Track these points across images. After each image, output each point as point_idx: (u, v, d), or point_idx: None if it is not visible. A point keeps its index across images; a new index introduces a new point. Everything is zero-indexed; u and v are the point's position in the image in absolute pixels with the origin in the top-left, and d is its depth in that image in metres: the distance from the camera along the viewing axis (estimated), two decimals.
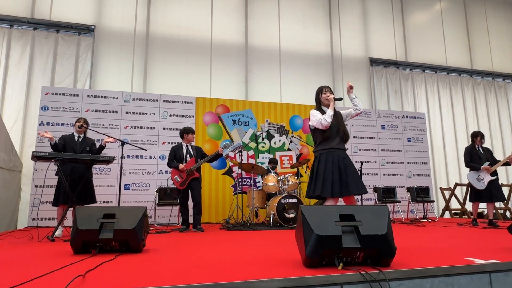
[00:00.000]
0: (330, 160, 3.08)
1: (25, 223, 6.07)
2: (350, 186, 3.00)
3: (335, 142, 3.15)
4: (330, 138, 3.15)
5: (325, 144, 3.16)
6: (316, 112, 3.23)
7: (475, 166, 5.25)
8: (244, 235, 4.24)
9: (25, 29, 7.26)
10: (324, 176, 3.04)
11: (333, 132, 3.17)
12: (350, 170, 3.06)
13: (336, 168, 3.05)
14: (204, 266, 2.07)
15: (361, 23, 9.62)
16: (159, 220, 6.28)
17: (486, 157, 5.28)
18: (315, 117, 3.17)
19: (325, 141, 3.17)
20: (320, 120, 3.11)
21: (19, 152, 6.49)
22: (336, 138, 3.17)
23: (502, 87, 10.68)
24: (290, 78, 8.69)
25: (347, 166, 3.07)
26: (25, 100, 6.93)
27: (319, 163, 3.13)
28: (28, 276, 1.80)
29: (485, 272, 1.95)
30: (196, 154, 5.15)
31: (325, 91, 3.30)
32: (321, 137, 3.18)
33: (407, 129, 8.24)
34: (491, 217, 5.17)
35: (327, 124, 3.11)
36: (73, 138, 4.42)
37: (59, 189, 4.19)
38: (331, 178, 3.02)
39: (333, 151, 3.12)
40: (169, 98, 6.92)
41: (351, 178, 3.02)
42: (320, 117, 3.13)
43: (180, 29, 8.14)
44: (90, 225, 2.54)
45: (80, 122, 4.43)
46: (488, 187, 5.12)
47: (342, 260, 1.90)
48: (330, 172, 3.04)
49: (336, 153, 3.11)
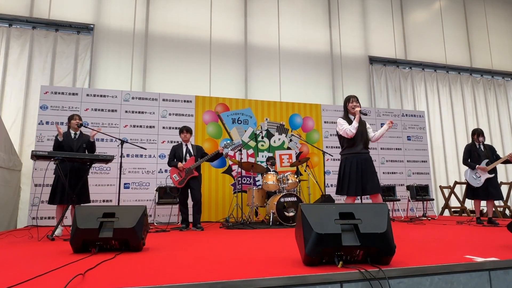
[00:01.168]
0: (354, 163, 3.58)
1: (24, 222, 6.07)
2: (367, 187, 3.50)
3: (359, 147, 3.65)
4: (355, 144, 3.65)
5: (351, 149, 3.66)
6: (343, 121, 3.70)
7: (471, 164, 5.25)
8: (244, 233, 4.24)
9: (24, 28, 7.24)
10: (350, 177, 3.56)
11: (358, 138, 3.64)
12: (369, 172, 3.54)
13: (359, 170, 3.55)
14: (204, 264, 2.07)
15: (360, 21, 9.61)
16: (159, 219, 6.28)
17: (487, 155, 5.23)
18: (342, 126, 3.67)
19: (350, 146, 3.67)
20: (346, 130, 3.61)
21: (18, 151, 6.49)
22: (360, 143, 3.65)
23: (501, 85, 10.68)
24: (290, 77, 8.68)
25: (369, 168, 3.57)
26: (24, 99, 6.92)
27: (345, 166, 3.65)
28: (28, 275, 1.80)
29: (485, 270, 1.96)
30: (196, 153, 5.15)
31: (352, 100, 3.75)
32: (347, 143, 3.70)
33: (407, 128, 8.24)
34: (491, 215, 5.16)
35: (352, 135, 3.61)
36: (69, 136, 4.39)
37: (56, 188, 4.16)
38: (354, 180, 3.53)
39: (357, 155, 3.62)
40: (168, 97, 6.92)
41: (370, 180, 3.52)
42: (347, 127, 3.62)
43: (179, 27, 8.13)
44: (90, 224, 2.54)
45: (76, 120, 4.40)
46: (485, 185, 5.11)
47: (342, 258, 1.90)
48: (354, 174, 3.54)
49: (360, 156, 3.61)
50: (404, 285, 1.81)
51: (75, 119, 4.42)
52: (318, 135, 7.61)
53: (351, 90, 9.08)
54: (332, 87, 9.01)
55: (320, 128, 7.65)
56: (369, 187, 3.50)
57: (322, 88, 8.92)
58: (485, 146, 5.36)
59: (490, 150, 5.33)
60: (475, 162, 5.24)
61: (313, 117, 7.66)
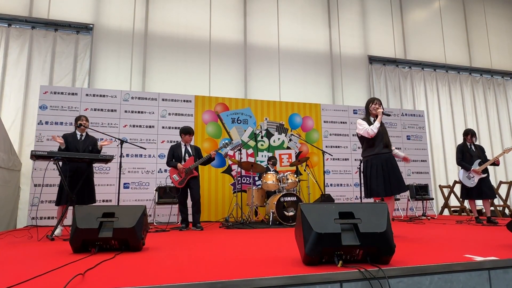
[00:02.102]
0: (380, 164, 3.55)
1: (24, 222, 6.07)
2: (392, 187, 3.48)
3: (379, 147, 3.62)
4: (375, 145, 3.63)
5: (371, 150, 3.65)
6: (363, 122, 3.70)
7: (466, 166, 5.30)
8: (243, 233, 4.24)
9: (23, 28, 7.24)
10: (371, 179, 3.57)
11: (378, 139, 3.63)
12: (393, 172, 3.52)
13: (385, 171, 3.52)
14: (204, 264, 2.07)
15: (360, 20, 9.61)
16: (159, 218, 6.28)
17: (478, 155, 5.33)
18: (362, 126, 3.66)
19: (370, 147, 3.66)
20: (367, 130, 3.60)
21: (18, 151, 6.48)
22: (380, 144, 3.63)
23: (501, 84, 10.69)
24: (289, 76, 8.68)
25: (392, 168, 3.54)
26: (24, 99, 6.92)
27: (366, 167, 3.67)
28: (27, 275, 1.80)
29: (484, 269, 1.96)
30: (195, 154, 5.15)
31: (376, 102, 3.78)
32: (367, 144, 3.69)
33: (406, 127, 8.24)
34: (489, 214, 5.19)
35: (373, 134, 3.59)
36: (75, 137, 4.39)
37: (62, 188, 4.14)
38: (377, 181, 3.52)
39: (378, 156, 3.60)
40: (168, 96, 6.91)
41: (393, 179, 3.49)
42: (367, 127, 3.61)
43: (179, 27, 8.13)
44: (90, 224, 2.54)
45: (83, 121, 4.40)
46: (479, 184, 5.18)
47: (342, 257, 1.90)
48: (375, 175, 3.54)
49: (381, 157, 3.58)
50: (404, 284, 1.81)
51: (82, 120, 4.41)
52: (317, 135, 7.61)
53: (350, 89, 9.09)
54: (332, 86, 9.01)
55: (319, 128, 7.65)
56: (395, 188, 3.49)
57: (321, 87, 8.92)
58: (476, 146, 5.46)
59: (480, 150, 5.43)
60: (468, 162, 5.32)
61: (313, 116, 7.66)
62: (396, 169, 3.56)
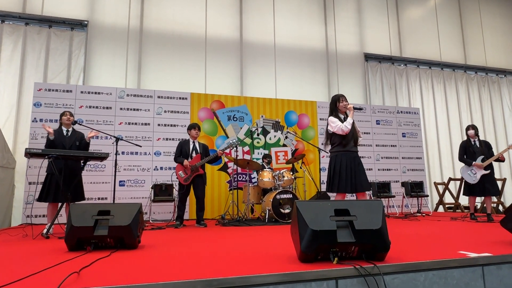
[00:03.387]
0: (344, 161, 3.60)
1: (19, 220, 6.03)
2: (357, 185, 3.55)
3: (350, 145, 3.66)
4: (346, 142, 3.65)
5: (342, 147, 3.66)
6: (335, 119, 3.70)
7: (467, 161, 5.26)
8: (239, 230, 4.25)
9: (16, 24, 7.16)
10: (340, 175, 3.58)
11: (349, 136, 3.65)
12: (359, 170, 3.59)
13: (349, 168, 3.58)
14: (200, 261, 2.07)
15: (356, 18, 9.61)
16: (155, 216, 6.27)
17: (482, 151, 5.23)
18: (335, 123, 3.65)
19: (341, 144, 3.67)
20: (341, 127, 3.60)
21: (12, 149, 6.43)
22: (351, 141, 3.67)
23: (495, 82, 10.76)
24: (285, 74, 8.68)
25: (357, 166, 3.61)
26: (18, 96, 6.86)
27: (335, 164, 3.66)
28: (22, 273, 1.79)
29: (478, 265, 1.98)
30: (203, 151, 5.15)
31: (342, 100, 3.76)
32: (339, 140, 3.68)
33: (402, 124, 8.28)
34: (489, 211, 5.12)
35: (347, 131, 3.60)
36: (61, 133, 4.31)
37: (49, 185, 4.08)
38: (344, 177, 3.56)
39: (347, 153, 3.64)
40: (163, 94, 6.88)
41: (359, 177, 3.56)
42: (341, 124, 3.61)
43: (174, 24, 8.08)
44: (85, 222, 2.53)
45: (67, 116, 4.34)
46: (482, 181, 5.10)
47: (337, 254, 1.91)
48: (344, 171, 3.57)
49: (349, 154, 3.63)
50: (399, 280, 1.82)
51: (66, 115, 4.35)
52: (313, 132, 7.63)
53: (346, 87, 9.10)
54: (328, 84, 9.02)
55: (315, 125, 7.66)
56: (359, 185, 3.56)
57: (317, 85, 8.92)
58: (481, 142, 5.34)
59: (486, 146, 5.31)
60: (470, 159, 5.25)
61: (309, 114, 7.67)
62: (362, 167, 3.66)
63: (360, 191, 3.59)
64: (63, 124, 4.36)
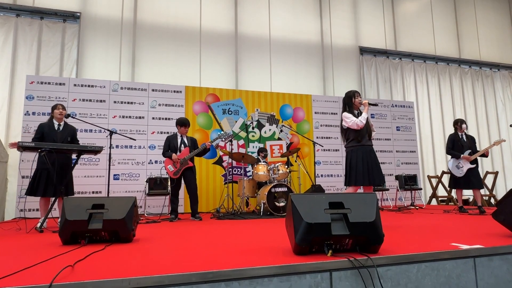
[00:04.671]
0: (361, 155, 3.67)
1: (12, 214, 5.99)
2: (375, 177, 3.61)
3: (365, 139, 3.74)
4: (361, 136, 3.72)
5: (356, 142, 3.73)
6: (349, 114, 3.74)
7: (455, 153, 5.39)
8: (234, 224, 4.26)
9: (7, 16, 7.03)
10: (357, 168, 3.65)
11: (364, 131, 3.72)
12: (375, 163, 3.67)
13: (365, 161, 3.65)
14: (195, 254, 2.07)
15: (351, 11, 9.58)
16: (149, 210, 6.27)
17: (469, 145, 5.39)
18: (349, 118, 3.71)
19: (356, 139, 3.73)
20: (357, 122, 3.67)
21: (4, 143, 6.36)
22: (366, 135, 3.75)
23: (489, 76, 10.82)
24: (281, 67, 8.65)
25: (374, 159, 3.69)
26: (10, 89, 6.76)
27: (351, 158, 3.73)
28: (16, 267, 1.79)
29: (470, 257, 2.01)
30: (191, 145, 5.13)
31: (357, 95, 3.83)
32: (353, 135, 3.75)
33: (396, 118, 8.31)
34: (480, 204, 5.23)
35: (362, 125, 3.67)
36: (52, 127, 4.16)
37: (39, 179, 3.99)
38: (361, 171, 3.62)
39: (363, 147, 3.70)
40: (158, 87, 6.83)
41: (376, 170, 3.64)
42: (355, 120, 3.68)
43: (168, 17, 7.99)
44: (79, 216, 2.52)
45: (60, 110, 4.19)
46: (467, 174, 5.26)
47: (331, 247, 1.92)
48: (360, 165, 3.64)
49: (365, 148, 3.71)
50: (392, 272, 1.85)
51: (58, 108, 4.20)
52: (308, 126, 7.63)
53: (341, 80, 9.10)
54: (323, 77, 9.01)
55: (310, 119, 7.67)
56: (376, 178, 3.62)
57: (312, 78, 8.91)
58: (467, 136, 5.51)
59: (471, 141, 5.49)
60: (458, 152, 5.38)
61: (304, 107, 7.67)
62: (377, 160, 3.72)
63: (378, 184, 3.64)
64: (55, 117, 4.22)
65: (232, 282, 1.62)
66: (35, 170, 4.07)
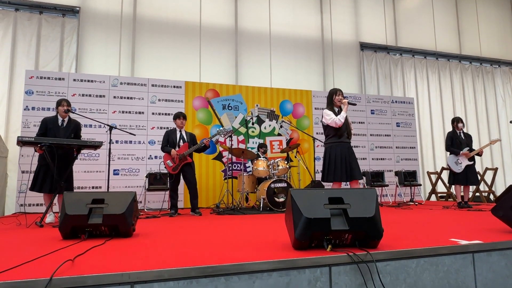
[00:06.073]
0: (339, 151, 3.84)
1: (12, 209, 6.00)
2: (352, 173, 3.79)
3: (343, 137, 3.90)
4: (340, 134, 3.88)
5: (336, 138, 3.89)
6: (329, 112, 3.91)
7: (455, 150, 5.50)
8: (234, 219, 4.27)
9: (6, 10, 7.00)
10: (335, 164, 3.81)
11: (343, 129, 3.87)
12: (353, 160, 3.84)
13: (343, 158, 3.81)
14: (195, 249, 2.08)
15: (352, 6, 9.53)
16: (149, 205, 6.28)
17: (467, 143, 5.54)
18: (329, 116, 3.87)
19: (336, 136, 3.89)
20: (335, 120, 3.82)
21: (4, 138, 6.36)
22: (345, 133, 3.90)
23: (489, 72, 10.80)
24: (281, 63, 8.62)
25: (351, 155, 3.86)
26: (9, 84, 6.74)
27: (330, 154, 3.88)
28: (16, 261, 1.79)
29: (468, 252, 2.01)
30: (190, 140, 5.13)
31: (339, 93, 3.97)
32: (333, 132, 3.90)
33: (396, 114, 8.31)
34: (467, 199, 5.51)
35: (341, 124, 3.82)
36: (56, 123, 4.13)
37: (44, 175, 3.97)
38: (339, 167, 3.78)
39: (341, 144, 3.88)
40: (157, 82, 6.82)
41: (354, 166, 3.82)
42: (334, 118, 3.83)
43: (168, 11, 7.95)
44: (79, 210, 2.52)
45: (65, 107, 4.13)
46: (465, 171, 5.40)
47: (331, 242, 1.93)
48: (339, 161, 3.80)
49: (343, 145, 3.87)
50: (391, 267, 1.85)
51: (63, 105, 4.13)
52: (308, 121, 7.63)
53: (341, 76, 9.08)
54: (323, 73, 8.99)
55: (310, 115, 7.66)
56: (354, 173, 3.80)
57: (312, 74, 8.89)
58: (465, 134, 5.66)
59: (469, 139, 5.64)
60: (457, 149, 5.50)
61: (304, 103, 7.66)
62: (355, 157, 3.90)
63: (355, 179, 3.82)
64: (59, 114, 4.17)
65: (232, 277, 1.63)
66: (38, 165, 4.04)
